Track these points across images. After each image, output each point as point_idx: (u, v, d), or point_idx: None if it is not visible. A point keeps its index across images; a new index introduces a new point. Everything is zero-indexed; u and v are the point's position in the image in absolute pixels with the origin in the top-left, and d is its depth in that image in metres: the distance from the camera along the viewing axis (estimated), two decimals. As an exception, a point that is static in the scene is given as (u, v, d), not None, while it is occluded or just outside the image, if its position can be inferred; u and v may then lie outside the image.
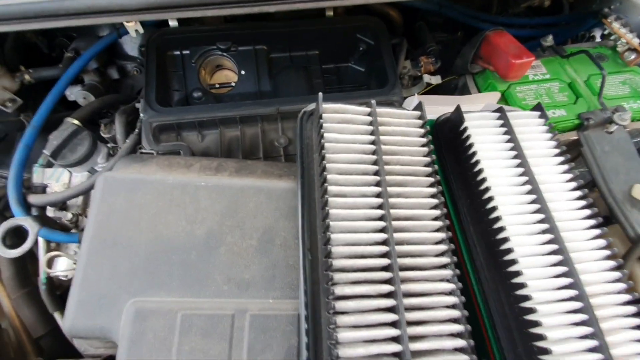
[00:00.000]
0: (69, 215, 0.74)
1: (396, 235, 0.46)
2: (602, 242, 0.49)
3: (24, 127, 0.86)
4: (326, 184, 0.48)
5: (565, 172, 0.55)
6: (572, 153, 0.78)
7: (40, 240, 0.72)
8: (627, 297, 0.46)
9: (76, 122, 0.86)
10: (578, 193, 0.53)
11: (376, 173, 0.50)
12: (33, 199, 0.75)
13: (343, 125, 0.52)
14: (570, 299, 0.45)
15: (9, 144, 1.04)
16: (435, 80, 0.83)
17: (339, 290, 0.42)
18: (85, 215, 0.75)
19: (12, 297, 0.76)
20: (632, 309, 0.46)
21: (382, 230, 0.47)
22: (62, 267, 0.52)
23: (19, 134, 0.96)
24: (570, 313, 0.45)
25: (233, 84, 0.93)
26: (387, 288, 0.43)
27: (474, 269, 0.53)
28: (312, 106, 0.57)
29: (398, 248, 0.46)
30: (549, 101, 0.82)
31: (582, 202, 0.52)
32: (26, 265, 0.79)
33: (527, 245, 0.49)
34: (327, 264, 0.43)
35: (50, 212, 0.79)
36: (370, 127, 0.53)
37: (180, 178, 0.52)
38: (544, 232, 0.49)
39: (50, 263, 0.67)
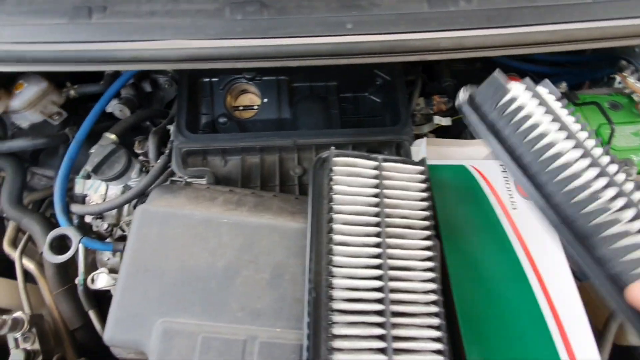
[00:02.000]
0: (105, 225, 0.84)
1: (391, 283, 0.53)
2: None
3: (67, 139, 0.96)
4: (332, 234, 0.55)
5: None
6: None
7: (80, 246, 0.82)
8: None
9: (114, 137, 0.95)
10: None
11: (377, 224, 0.56)
12: (75, 208, 0.84)
13: (351, 178, 0.59)
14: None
15: (53, 149, 1.14)
16: (446, 122, 0.88)
17: (336, 330, 0.49)
18: (119, 227, 0.84)
19: (53, 293, 0.87)
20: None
21: (379, 278, 0.53)
22: (102, 283, 0.62)
23: (62, 145, 1.06)
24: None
25: (256, 107, 1.00)
26: (379, 331, 0.50)
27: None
28: (326, 153, 0.63)
29: (392, 295, 0.52)
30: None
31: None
32: (67, 266, 0.90)
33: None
34: (328, 306, 0.50)
35: (88, 218, 0.89)
36: (376, 181, 0.59)
37: (205, 213, 0.60)
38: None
39: (92, 277, 0.76)
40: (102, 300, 0.83)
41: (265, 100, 0.97)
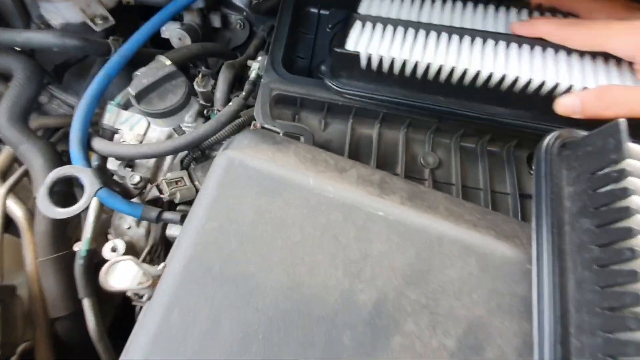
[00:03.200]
0: (137, 178, 0.56)
1: None
2: None
3: (108, 52, 0.69)
4: (617, 287, 0.26)
5: None
6: None
7: (94, 201, 0.54)
8: None
9: (169, 63, 0.68)
10: None
11: None
12: (99, 144, 0.57)
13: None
14: None
15: (84, 68, 0.88)
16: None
17: None
18: (157, 186, 0.56)
19: (39, 259, 0.59)
20: None
21: None
22: (125, 282, 0.32)
23: (99, 60, 0.80)
24: None
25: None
26: None
27: None
28: (567, 133, 0.35)
29: None
30: None
31: None
32: (66, 226, 0.62)
33: None
34: None
35: (113, 164, 0.62)
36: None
37: (339, 190, 0.32)
38: None
39: (109, 248, 0.48)
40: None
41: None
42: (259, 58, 0.66)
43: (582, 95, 0.44)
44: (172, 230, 0.57)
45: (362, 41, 0.52)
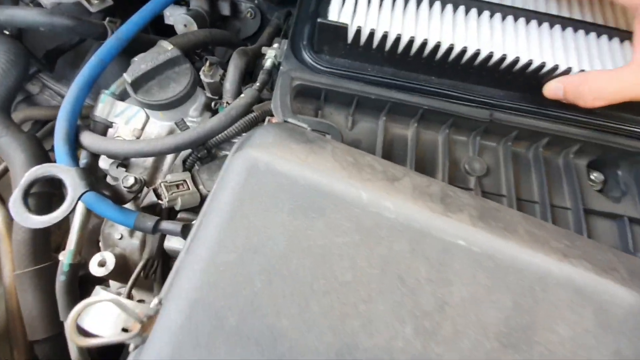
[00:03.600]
0: (131, 180, 0.48)
1: None
2: None
3: (104, 35, 0.61)
4: None
5: None
6: None
7: (80, 206, 0.46)
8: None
9: (170, 47, 0.60)
10: None
11: None
12: (89, 139, 0.49)
13: None
14: None
15: (79, 56, 0.80)
16: None
17: None
18: (154, 190, 0.48)
19: (17, 272, 0.51)
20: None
21: None
22: (104, 329, 0.22)
23: (95, 45, 0.72)
24: None
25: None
26: None
27: None
28: None
29: None
30: None
31: None
32: (49, 231, 0.54)
33: None
34: None
35: (105, 162, 0.53)
36: None
37: (401, 208, 0.23)
38: None
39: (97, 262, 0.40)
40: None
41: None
42: (275, 45, 0.58)
43: (564, 81, 0.44)
44: (171, 242, 0.48)
45: (346, 7, 0.44)
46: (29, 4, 0.65)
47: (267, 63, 0.57)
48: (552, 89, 0.45)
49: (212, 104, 0.56)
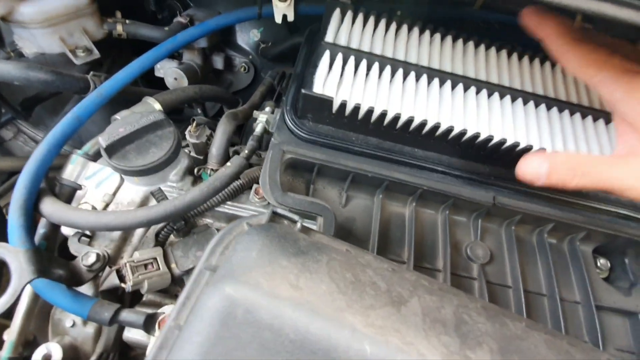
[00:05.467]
0: (92, 258, 0.42)
1: None
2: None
3: (86, 89, 0.58)
4: None
5: None
6: None
7: (28, 291, 0.39)
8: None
9: (158, 107, 0.57)
10: None
11: None
12: (49, 207, 0.43)
13: None
14: None
15: (60, 102, 0.76)
16: None
17: None
18: (119, 270, 0.42)
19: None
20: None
21: None
22: None
23: (76, 97, 0.68)
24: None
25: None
26: None
27: None
28: None
29: None
30: None
31: None
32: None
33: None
34: None
35: (68, 229, 0.47)
36: None
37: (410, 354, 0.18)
38: None
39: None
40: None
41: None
42: (267, 109, 0.55)
43: (551, 158, 0.37)
44: (131, 333, 0.41)
45: (331, 78, 0.42)
46: (10, 52, 0.62)
47: (258, 128, 0.54)
48: (531, 169, 0.37)
49: (195, 170, 0.52)
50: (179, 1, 0.87)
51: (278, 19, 0.56)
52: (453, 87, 0.45)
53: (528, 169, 0.37)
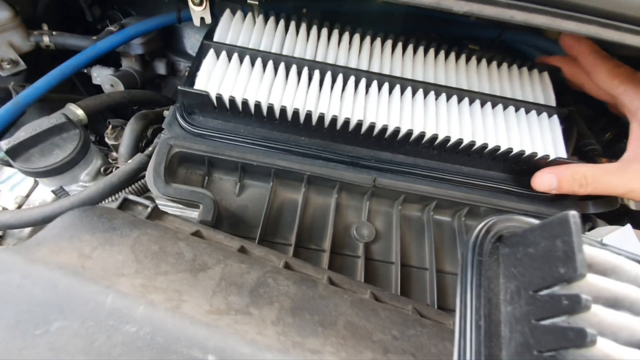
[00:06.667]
0: None
1: None
2: None
3: (7, 99, 0.60)
4: None
5: None
6: None
7: None
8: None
9: (81, 114, 0.59)
10: None
11: None
12: (-44, 210, 0.46)
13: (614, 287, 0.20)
14: None
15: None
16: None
17: None
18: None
19: None
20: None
21: None
22: None
23: None
24: None
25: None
26: None
27: None
28: (507, 222, 0.25)
29: None
30: None
31: None
32: None
33: None
34: None
35: (-16, 232, 0.50)
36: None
37: (149, 316, 0.21)
38: None
39: None
40: None
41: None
42: (172, 107, 0.58)
43: (558, 174, 0.44)
44: None
45: (215, 74, 0.45)
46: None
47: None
48: (544, 182, 0.45)
49: (102, 169, 0.54)
50: (121, 11, 0.91)
51: (196, 22, 0.59)
52: (334, 77, 0.48)
53: (542, 183, 0.45)
